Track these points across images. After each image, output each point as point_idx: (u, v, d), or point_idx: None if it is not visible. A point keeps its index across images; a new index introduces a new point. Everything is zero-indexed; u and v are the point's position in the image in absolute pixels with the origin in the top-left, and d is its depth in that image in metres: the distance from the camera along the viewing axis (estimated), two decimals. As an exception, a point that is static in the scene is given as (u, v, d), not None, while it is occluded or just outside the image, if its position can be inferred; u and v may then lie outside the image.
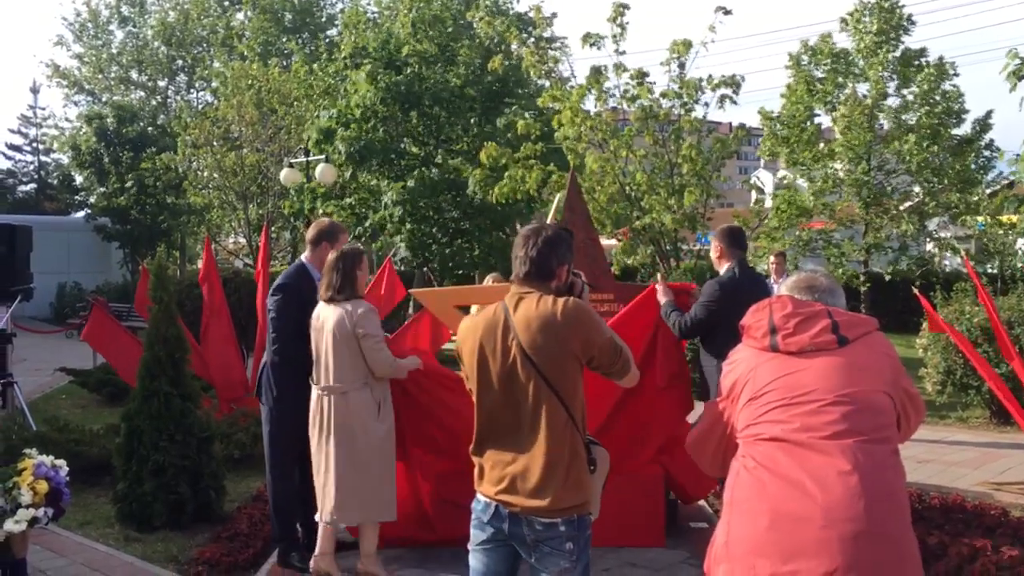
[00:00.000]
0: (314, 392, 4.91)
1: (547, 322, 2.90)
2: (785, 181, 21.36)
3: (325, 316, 4.89)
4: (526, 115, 15.52)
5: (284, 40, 32.82)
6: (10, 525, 4.48)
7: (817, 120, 21.08)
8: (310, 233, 5.40)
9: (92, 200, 27.72)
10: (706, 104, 13.85)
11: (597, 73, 13.97)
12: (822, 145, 20.68)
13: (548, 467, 2.87)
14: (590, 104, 14.33)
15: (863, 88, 20.69)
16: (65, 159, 30.13)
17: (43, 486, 4.60)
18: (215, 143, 21.36)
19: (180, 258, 30.82)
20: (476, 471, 3.05)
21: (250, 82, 21.75)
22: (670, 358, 5.53)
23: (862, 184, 19.79)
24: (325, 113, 17.86)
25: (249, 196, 21.59)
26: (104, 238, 25.86)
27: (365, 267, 5.00)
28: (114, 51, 36.02)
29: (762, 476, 2.46)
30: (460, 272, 16.90)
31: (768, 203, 20.72)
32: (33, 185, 35.39)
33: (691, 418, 5.48)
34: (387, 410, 4.94)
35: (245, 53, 31.07)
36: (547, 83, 15.14)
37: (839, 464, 2.37)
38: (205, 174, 21.99)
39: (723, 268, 5.77)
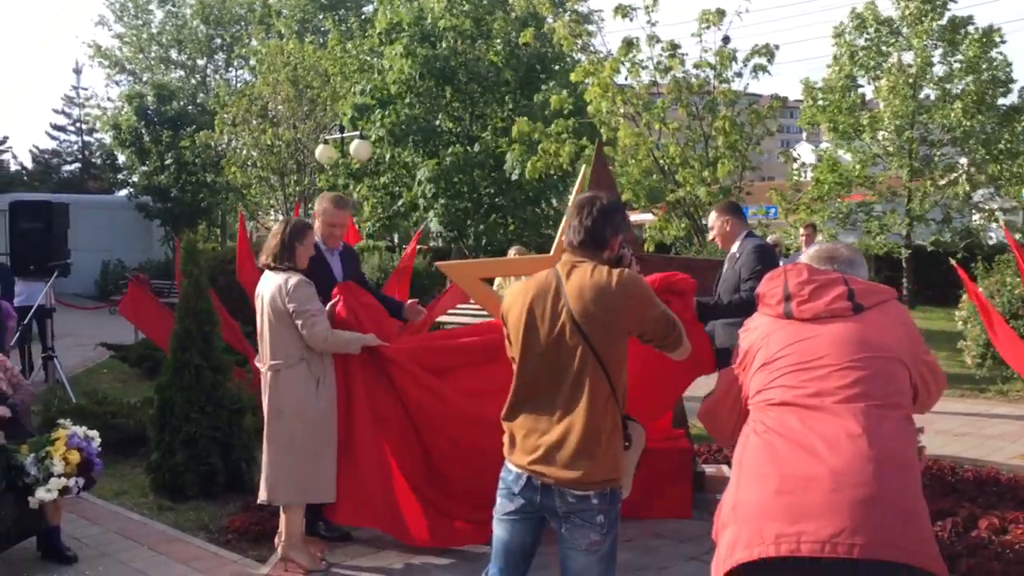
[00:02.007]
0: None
1: (601, 292, 2.87)
2: (826, 153, 21.09)
3: (262, 290, 4.77)
4: (563, 91, 15.41)
5: (321, 17, 32.90)
6: (42, 494, 4.58)
7: (860, 91, 20.79)
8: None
9: (135, 179, 28.14)
10: (739, 74, 13.65)
11: (629, 45, 13.82)
12: (865, 115, 20.35)
13: (586, 438, 2.85)
14: (622, 78, 14.23)
15: (908, 57, 20.33)
16: (107, 139, 30.55)
17: (75, 456, 4.70)
18: (253, 121, 21.51)
19: (220, 235, 31.18)
20: (507, 439, 3.03)
21: (286, 59, 21.85)
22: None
23: (906, 154, 19.46)
24: (359, 88, 17.87)
25: (287, 173, 21.75)
26: (146, 216, 26.26)
27: (309, 244, 4.83)
28: (154, 31, 36.38)
29: (772, 440, 2.44)
30: (493, 247, 16.89)
31: (806, 175, 20.46)
32: (77, 165, 35.98)
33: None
34: (327, 387, 4.75)
35: (282, 31, 31.18)
36: (582, 57, 15.04)
37: (850, 427, 2.35)
38: (243, 152, 22.15)
39: (737, 241, 5.60)
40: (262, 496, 4.74)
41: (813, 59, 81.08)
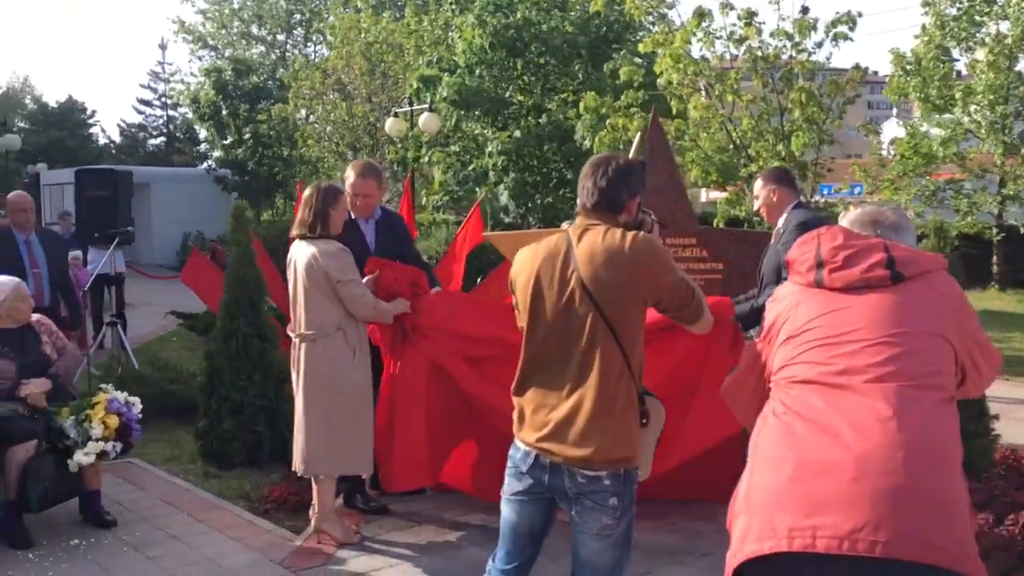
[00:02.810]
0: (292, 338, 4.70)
1: (613, 256, 2.68)
2: (912, 127, 20.26)
3: (296, 257, 4.63)
4: (635, 60, 15.06)
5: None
6: (80, 457, 4.61)
7: (951, 63, 19.90)
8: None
9: (216, 153, 28.67)
10: (819, 44, 13.10)
11: (701, 15, 13.39)
12: (958, 86, 19.47)
13: (596, 413, 2.66)
14: (695, 49, 13.81)
15: (1004, 26, 19.37)
16: (189, 113, 31.19)
17: (114, 420, 4.71)
18: (328, 94, 21.64)
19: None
20: (516, 415, 2.86)
21: (360, 33, 21.89)
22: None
23: (1000, 129, 18.55)
24: (427, 60, 17.78)
25: (360, 147, 21.84)
26: (224, 189, 26.72)
27: (342, 208, 4.68)
28: (235, 6, 36.94)
29: (791, 422, 2.21)
30: (560, 223, 16.62)
31: (891, 151, 19.69)
32: (162, 139, 36.87)
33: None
34: (363, 357, 4.63)
35: (359, 5, 31.29)
36: (654, 27, 14.66)
37: (879, 409, 2.11)
38: (317, 126, 22.32)
39: (784, 213, 4.85)
40: (298, 468, 4.67)
41: (900, 30, 78.08)
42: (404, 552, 4.60)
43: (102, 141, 38.83)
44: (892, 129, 24.99)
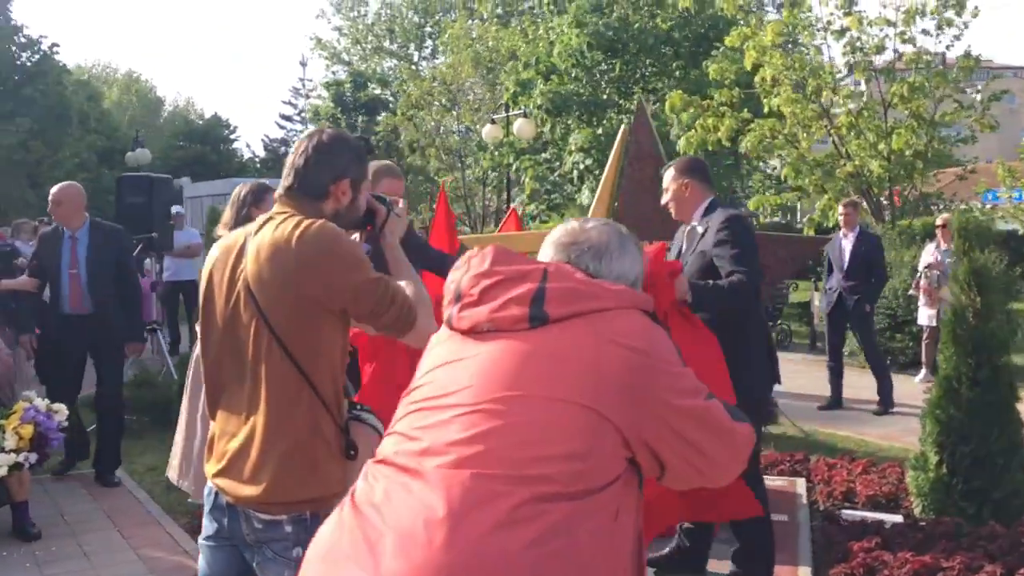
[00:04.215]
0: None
1: (277, 251, 2.16)
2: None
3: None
4: (728, 60, 14.26)
5: (527, 1, 32.82)
6: (-9, 469, 4.49)
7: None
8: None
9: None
10: (925, 32, 11.99)
11: (794, 5, 12.51)
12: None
13: (268, 445, 2.17)
14: (789, 41, 12.95)
15: None
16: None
17: (27, 431, 4.57)
18: (437, 103, 21.70)
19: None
20: (208, 441, 2.40)
21: (470, 40, 21.86)
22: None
23: None
24: (524, 63, 17.48)
25: (466, 154, 21.78)
26: (343, 199, 27.11)
27: (268, 207, 4.35)
28: (369, 21, 37.86)
29: (345, 520, 1.65)
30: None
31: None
32: (300, 152, 38.24)
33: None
34: None
35: (484, 15, 31.41)
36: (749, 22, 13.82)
37: (435, 511, 1.50)
38: (422, 136, 22.42)
39: (697, 211, 4.09)
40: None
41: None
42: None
43: (246, 156, 40.57)
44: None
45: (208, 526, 2.34)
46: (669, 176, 4.20)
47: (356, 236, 2.76)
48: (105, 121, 29.96)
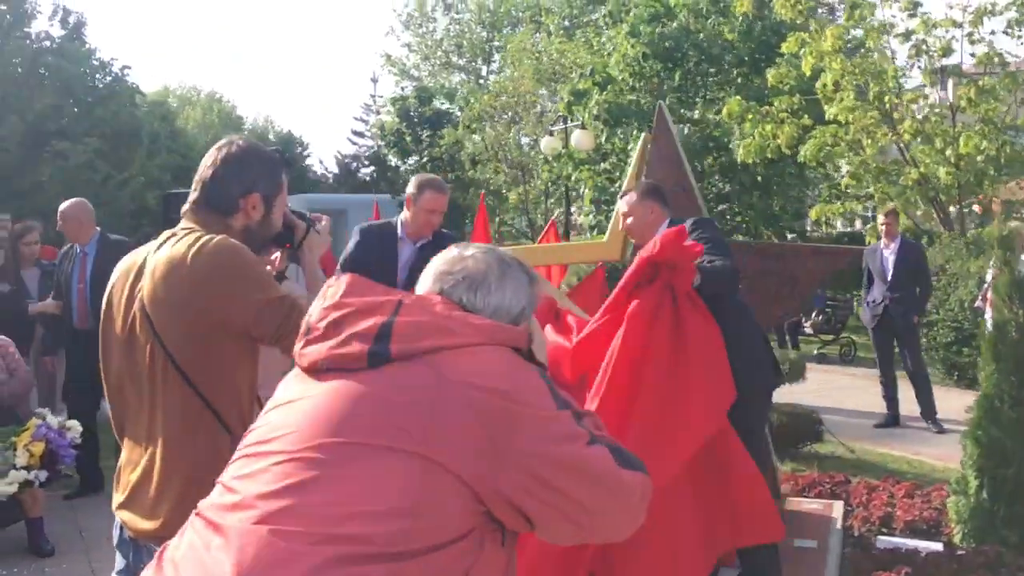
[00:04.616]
0: None
1: (172, 269, 2.06)
2: None
3: None
4: (794, 63, 13.87)
5: (592, 13, 32.65)
6: (2, 487, 4.51)
7: None
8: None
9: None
10: (993, 32, 11.46)
11: (853, 7, 12.08)
12: None
13: (166, 475, 2.06)
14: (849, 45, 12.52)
15: None
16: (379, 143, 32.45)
17: (38, 448, 4.59)
18: (498, 117, 21.67)
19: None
20: (116, 470, 2.28)
21: (533, 54, 21.79)
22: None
23: None
24: (579, 73, 17.31)
25: (527, 168, 21.68)
26: (408, 213, 27.30)
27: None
28: (438, 37, 38.14)
29: None
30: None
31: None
32: (371, 168, 38.67)
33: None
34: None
35: (551, 28, 31.35)
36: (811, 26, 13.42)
37: (225, 572, 1.34)
38: (487, 149, 22.39)
39: (660, 230, 3.88)
40: None
41: None
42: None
43: (319, 172, 41.21)
44: None
45: (118, 560, 2.25)
46: (631, 201, 4.13)
47: (277, 254, 2.67)
48: (181, 140, 30.72)
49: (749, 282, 4.97)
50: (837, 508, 5.30)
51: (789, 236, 16.20)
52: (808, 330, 13.30)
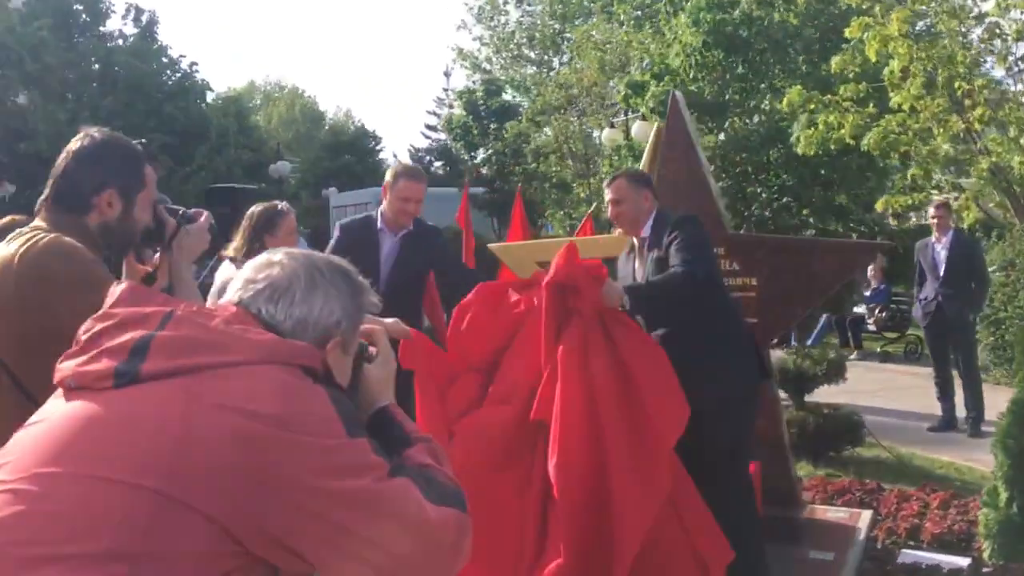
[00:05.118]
0: None
1: (2, 272, 1.96)
2: None
3: (224, 281, 4.26)
4: (857, 47, 13.32)
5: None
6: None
7: None
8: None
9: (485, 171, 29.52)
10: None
11: (921, -12, 11.49)
12: None
13: None
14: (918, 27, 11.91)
15: None
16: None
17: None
18: (562, 110, 21.44)
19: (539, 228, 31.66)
20: None
21: (597, 44, 21.50)
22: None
23: None
24: (637, 65, 16.97)
25: (592, 163, 21.39)
26: (475, 207, 27.34)
27: (284, 233, 4.18)
28: (510, 30, 38.01)
29: None
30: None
31: None
32: (441, 162, 38.85)
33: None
34: None
35: (622, 18, 30.91)
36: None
37: None
38: (550, 141, 22.20)
39: (649, 219, 3.91)
40: None
41: None
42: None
43: (393, 165, 41.65)
44: None
45: None
46: (621, 186, 3.99)
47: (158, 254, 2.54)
48: (254, 135, 31.27)
49: (762, 279, 4.73)
50: (864, 518, 5.00)
51: (861, 230, 15.62)
52: (871, 327, 12.76)
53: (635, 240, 4.03)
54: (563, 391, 3.21)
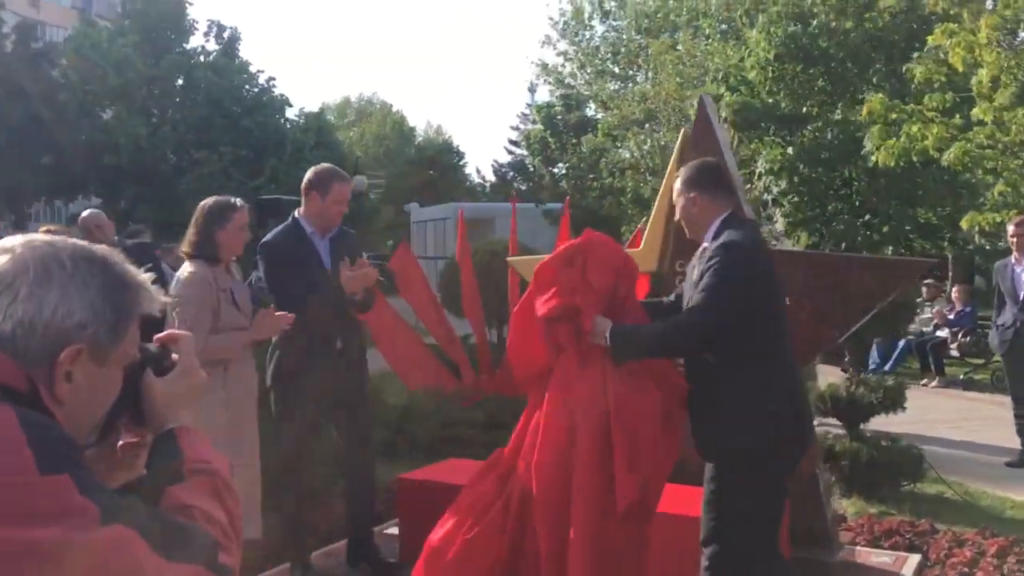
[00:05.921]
0: None
1: None
2: None
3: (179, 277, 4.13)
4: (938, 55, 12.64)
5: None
6: None
7: None
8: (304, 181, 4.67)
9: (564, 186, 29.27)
10: None
11: (1011, -9, 10.80)
12: None
13: None
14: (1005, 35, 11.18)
15: None
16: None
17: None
18: (641, 124, 21.06)
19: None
20: None
21: (674, 58, 21.06)
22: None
23: None
24: (711, 76, 16.51)
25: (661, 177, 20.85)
26: (552, 223, 27.08)
27: (235, 228, 4.04)
28: (596, 44, 37.73)
29: None
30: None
31: None
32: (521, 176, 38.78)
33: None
34: (236, 399, 3.90)
35: (707, 31, 30.34)
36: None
37: None
38: (627, 156, 21.79)
39: (711, 229, 3.32)
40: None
41: None
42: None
43: (476, 180, 41.69)
44: None
45: None
46: (676, 188, 3.51)
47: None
48: (337, 151, 31.75)
49: (796, 299, 4.33)
50: (910, 564, 4.54)
51: (945, 247, 14.83)
52: (955, 352, 12.00)
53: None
54: (544, 427, 3.20)
